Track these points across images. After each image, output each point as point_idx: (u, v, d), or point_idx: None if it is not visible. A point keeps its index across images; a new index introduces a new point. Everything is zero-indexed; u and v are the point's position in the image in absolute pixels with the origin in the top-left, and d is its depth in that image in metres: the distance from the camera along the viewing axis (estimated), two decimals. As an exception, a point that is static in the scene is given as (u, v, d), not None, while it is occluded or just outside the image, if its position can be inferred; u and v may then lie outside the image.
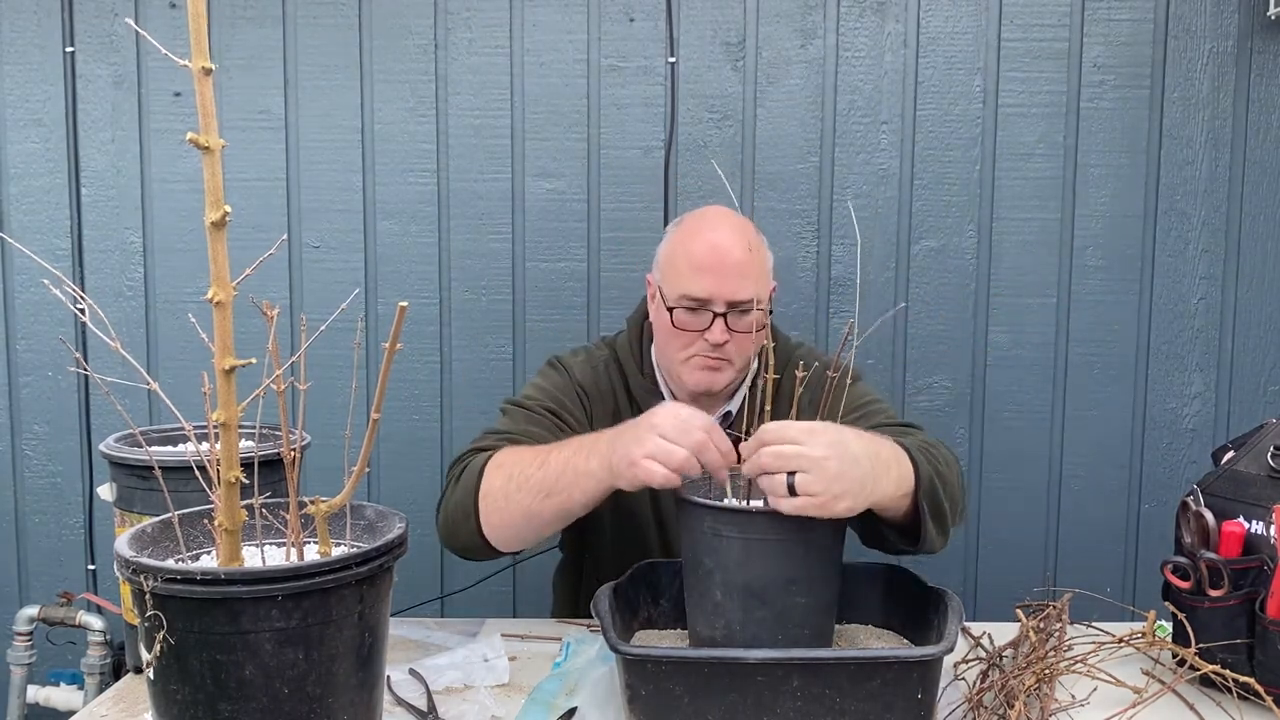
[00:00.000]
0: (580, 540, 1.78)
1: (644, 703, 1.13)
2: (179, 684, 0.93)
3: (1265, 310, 2.20)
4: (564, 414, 1.59)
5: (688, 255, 1.54)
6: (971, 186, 2.20)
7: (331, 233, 2.26)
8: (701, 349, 1.54)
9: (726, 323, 1.52)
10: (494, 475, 1.41)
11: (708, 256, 1.52)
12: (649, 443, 1.22)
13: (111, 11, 2.23)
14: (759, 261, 1.55)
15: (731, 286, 1.50)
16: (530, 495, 1.36)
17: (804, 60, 2.20)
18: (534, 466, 1.37)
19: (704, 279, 1.51)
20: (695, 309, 1.52)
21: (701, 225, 1.58)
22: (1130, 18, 2.17)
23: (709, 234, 1.55)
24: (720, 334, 1.51)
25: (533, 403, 1.60)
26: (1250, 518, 1.33)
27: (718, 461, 1.23)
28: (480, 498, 1.41)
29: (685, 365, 1.56)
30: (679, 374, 1.58)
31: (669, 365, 1.60)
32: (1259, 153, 2.18)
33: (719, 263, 1.51)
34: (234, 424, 0.93)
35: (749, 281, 1.51)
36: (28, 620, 2.06)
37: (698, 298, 1.51)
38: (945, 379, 2.24)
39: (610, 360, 1.69)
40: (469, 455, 1.50)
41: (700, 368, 1.55)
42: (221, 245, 0.89)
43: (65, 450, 2.32)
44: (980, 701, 1.26)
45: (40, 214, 2.27)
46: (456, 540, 1.47)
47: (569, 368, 1.67)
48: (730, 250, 1.52)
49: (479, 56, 2.22)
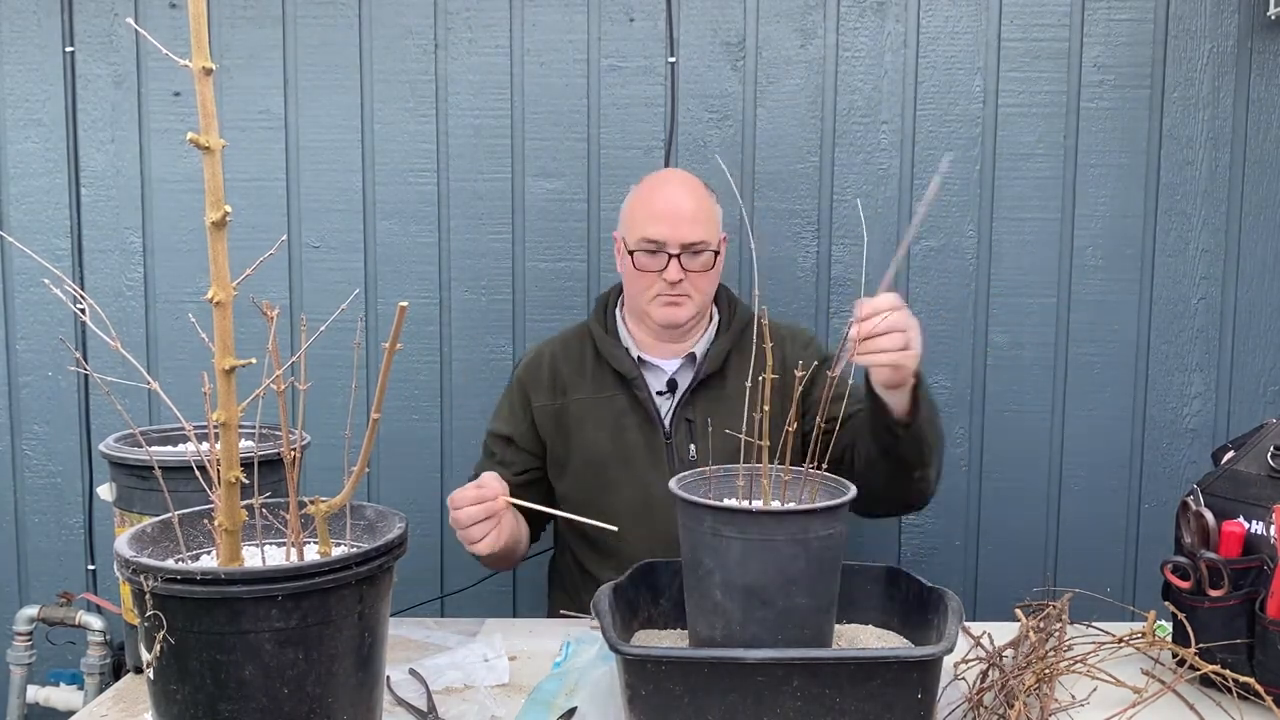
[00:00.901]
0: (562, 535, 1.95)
1: (644, 703, 1.13)
2: (179, 684, 0.93)
3: (1265, 310, 2.20)
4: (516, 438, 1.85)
5: (645, 205, 1.79)
6: (971, 186, 2.21)
7: (331, 233, 2.26)
8: (662, 288, 1.76)
9: (681, 263, 1.74)
10: None
11: (662, 205, 1.77)
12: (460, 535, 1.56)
13: (111, 11, 2.23)
14: (707, 209, 1.79)
15: (684, 230, 1.74)
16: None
17: (804, 60, 2.20)
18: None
19: (659, 225, 1.74)
20: (653, 252, 1.75)
21: (656, 181, 1.84)
22: (1130, 18, 2.17)
23: (662, 188, 1.81)
24: (675, 272, 1.74)
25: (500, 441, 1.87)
26: (1250, 518, 1.33)
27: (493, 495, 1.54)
28: None
29: (651, 304, 1.78)
30: (647, 313, 1.80)
31: (637, 308, 1.82)
32: (1259, 153, 2.18)
33: (672, 210, 1.75)
34: (234, 424, 0.93)
35: (699, 226, 1.75)
36: (28, 620, 2.06)
37: (654, 240, 1.75)
38: (945, 379, 2.24)
39: (583, 332, 1.90)
40: None
41: (664, 304, 1.77)
42: (221, 245, 0.89)
43: (65, 450, 2.32)
44: (980, 701, 1.26)
45: (40, 214, 2.27)
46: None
47: (515, 378, 1.90)
48: (682, 200, 1.77)
49: (479, 56, 2.22)
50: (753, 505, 1.21)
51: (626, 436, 1.81)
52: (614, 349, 1.83)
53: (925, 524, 2.27)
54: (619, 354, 1.82)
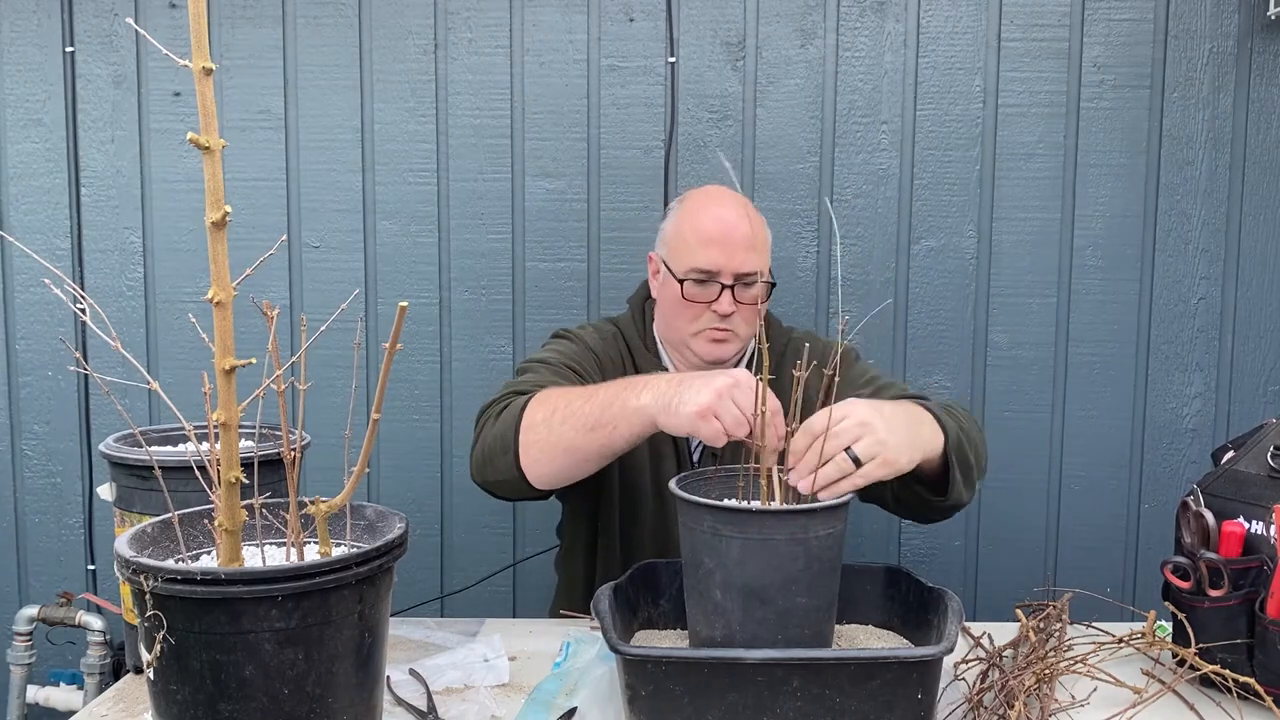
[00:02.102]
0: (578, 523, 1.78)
1: (644, 703, 1.13)
2: (179, 684, 0.93)
3: (1265, 310, 2.20)
4: (584, 375, 1.62)
5: (695, 230, 1.61)
6: (971, 186, 2.21)
7: (331, 233, 2.26)
8: (709, 321, 1.61)
9: (734, 294, 1.59)
10: (537, 409, 1.43)
11: (715, 230, 1.60)
12: (725, 403, 1.25)
13: (111, 11, 2.23)
14: (761, 236, 1.64)
15: (739, 259, 1.59)
16: (574, 428, 1.38)
17: (804, 60, 2.20)
18: (580, 400, 1.40)
19: (712, 252, 1.59)
20: (704, 281, 1.60)
21: (707, 201, 1.66)
22: (1130, 18, 2.17)
23: (715, 209, 1.63)
24: (728, 305, 1.59)
25: (557, 358, 1.63)
26: (1250, 518, 1.33)
27: (774, 445, 1.23)
28: (521, 430, 1.43)
29: (695, 339, 1.63)
30: (689, 346, 1.64)
31: (677, 339, 1.66)
32: (1259, 152, 2.18)
33: (726, 236, 1.59)
34: (234, 424, 0.93)
35: (754, 254, 1.60)
36: (28, 620, 2.06)
37: (706, 270, 1.59)
38: (945, 379, 2.24)
39: (616, 334, 1.74)
40: (506, 397, 1.51)
41: (709, 340, 1.62)
42: (222, 245, 0.89)
43: (65, 450, 2.32)
44: (980, 701, 1.26)
45: (40, 214, 2.28)
46: (492, 472, 1.49)
47: (580, 337, 1.71)
48: (736, 224, 1.60)
49: (479, 56, 2.22)
50: (753, 505, 1.21)
51: (663, 466, 1.66)
52: (653, 367, 1.68)
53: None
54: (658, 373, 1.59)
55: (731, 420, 1.25)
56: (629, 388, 1.37)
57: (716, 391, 1.26)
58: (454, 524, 2.30)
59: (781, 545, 1.16)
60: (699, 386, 1.28)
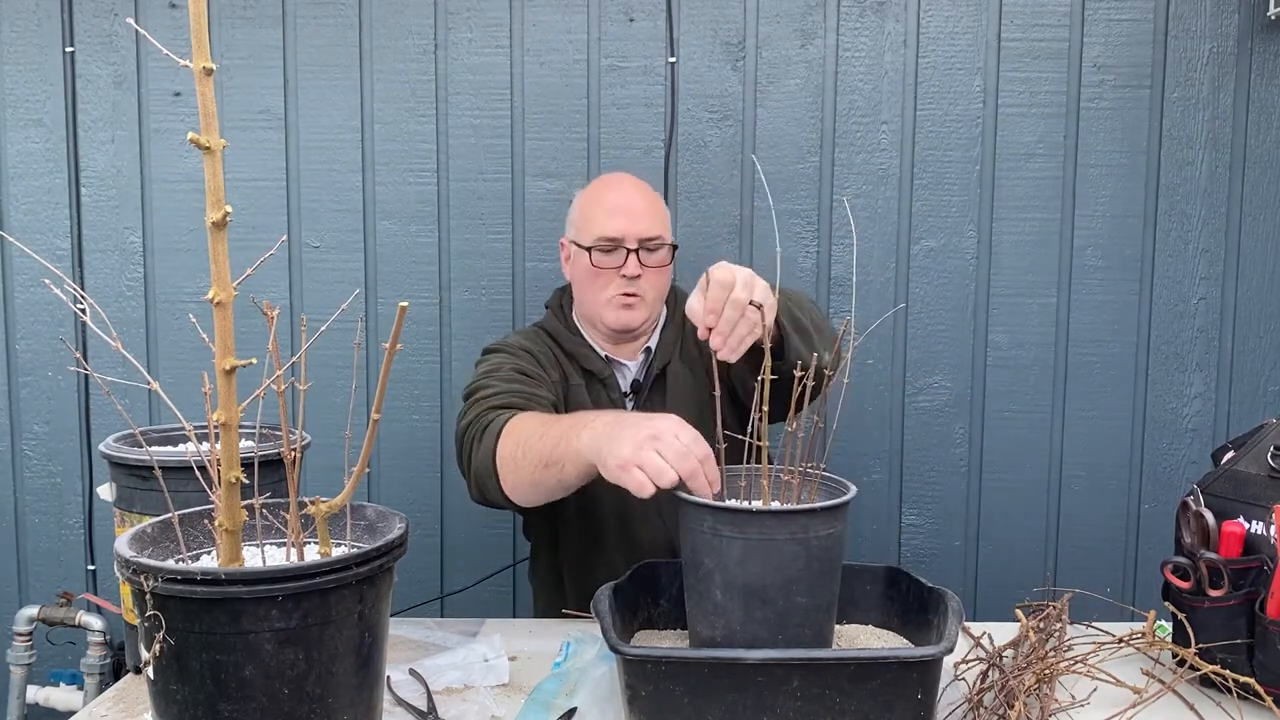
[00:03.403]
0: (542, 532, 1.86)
1: (644, 703, 1.13)
2: (179, 684, 0.93)
3: (1265, 310, 2.20)
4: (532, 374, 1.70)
5: (600, 203, 1.77)
6: (971, 186, 2.21)
7: (331, 233, 2.26)
8: (619, 287, 1.73)
9: (639, 258, 1.72)
10: (505, 443, 1.50)
11: (617, 200, 1.76)
12: (645, 454, 1.24)
13: (111, 11, 2.23)
14: (659, 206, 1.80)
15: (642, 224, 1.73)
16: (533, 464, 1.44)
17: (804, 60, 2.20)
18: (535, 437, 1.45)
19: (616, 220, 1.73)
20: (610, 249, 1.73)
21: (608, 180, 1.85)
22: (1130, 18, 2.17)
23: (614, 185, 1.81)
24: (634, 267, 1.72)
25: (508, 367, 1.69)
26: (1250, 518, 1.33)
27: (704, 490, 1.24)
28: (497, 462, 1.50)
29: (606, 306, 1.74)
30: (600, 316, 1.75)
31: (590, 311, 1.78)
32: (1259, 152, 2.18)
33: (628, 205, 1.75)
34: (234, 424, 0.93)
35: (655, 220, 1.75)
36: (28, 620, 2.06)
37: (612, 237, 1.72)
38: (945, 379, 2.24)
39: (539, 332, 1.85)
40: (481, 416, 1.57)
41: (619, 306, 1.74)
42: (222, 245, 0.89)
43: (65, 450, 2.32)
44: (980, 701, 1.26)
45: (40, 214, 2.28)
46: (488, 497, 1.56)
47: (509, 345, 1.78)
48: (636, 196, 1.77)
49: (479, 56, 2.22)
50: (753, 505, 1.21)
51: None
52: (582, 347, 1.79)
53: (925, 524, 2.27)
54: (587, 353, 1.78)
55: (654, 469, 1.23)
56: (575, 425, 1.39)
57: (635, 444, 1.25)
58: (454, 524, 2.30)
59: (782, 545, 1.16)
60: (625, 439, 1.27)
